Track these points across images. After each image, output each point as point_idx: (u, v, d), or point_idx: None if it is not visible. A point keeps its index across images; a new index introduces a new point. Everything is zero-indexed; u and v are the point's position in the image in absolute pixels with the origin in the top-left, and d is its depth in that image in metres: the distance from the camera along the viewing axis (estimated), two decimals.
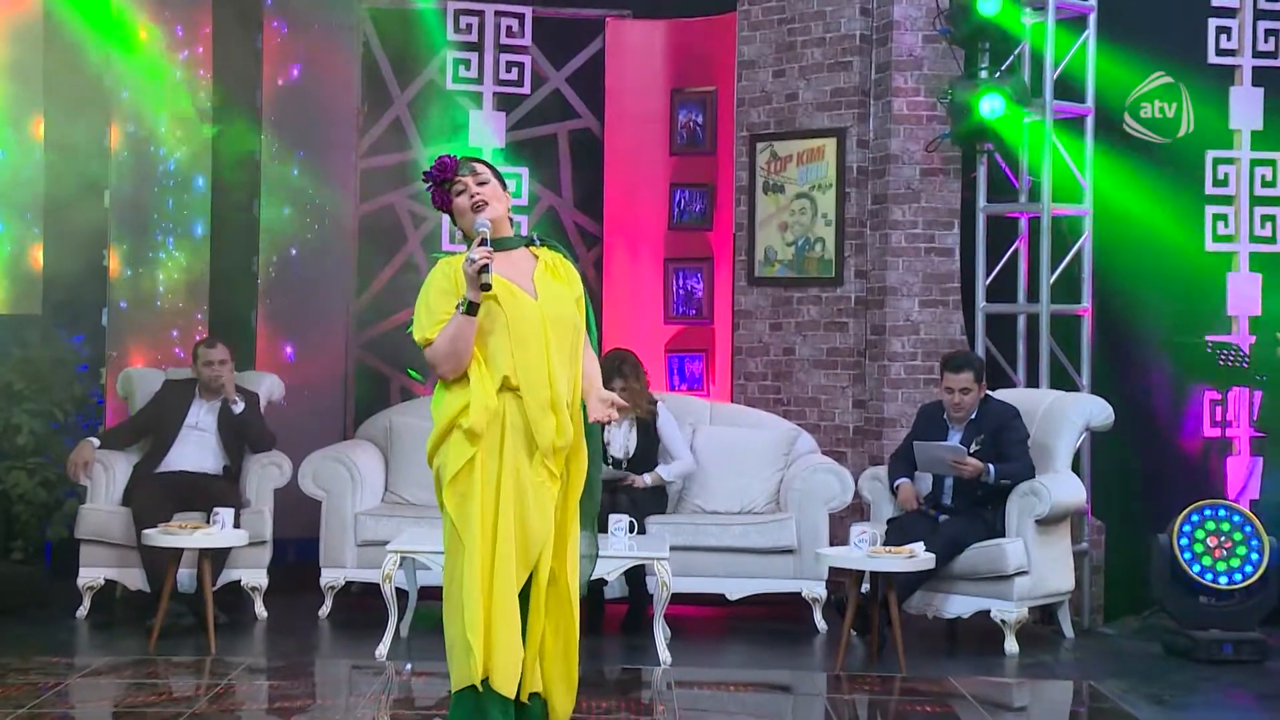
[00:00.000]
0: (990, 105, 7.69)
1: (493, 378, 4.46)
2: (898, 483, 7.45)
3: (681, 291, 9.29)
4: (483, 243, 4.47)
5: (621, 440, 7.86)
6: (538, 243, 4.68)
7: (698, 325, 9.28)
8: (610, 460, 7.78)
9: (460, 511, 4.43)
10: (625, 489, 7.68)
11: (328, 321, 9.20)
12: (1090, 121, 7.99)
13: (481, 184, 4.58)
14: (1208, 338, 8.01)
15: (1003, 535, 7.15)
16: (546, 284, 4.60)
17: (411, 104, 9.18)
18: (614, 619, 7.55)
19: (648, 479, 7.78)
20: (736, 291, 8.98)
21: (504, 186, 4.71)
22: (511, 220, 4.78)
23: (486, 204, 4.55)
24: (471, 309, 4.42)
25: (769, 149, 8.83)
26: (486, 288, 4.41)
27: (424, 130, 9.14)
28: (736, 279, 8.98)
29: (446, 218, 5.42)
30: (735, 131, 9.01)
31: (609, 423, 4.68)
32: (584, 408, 4.68)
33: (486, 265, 4.41)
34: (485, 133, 9.06)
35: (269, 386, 8.14)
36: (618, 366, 7.79)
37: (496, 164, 8.75)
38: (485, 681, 4.40)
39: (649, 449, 7.87)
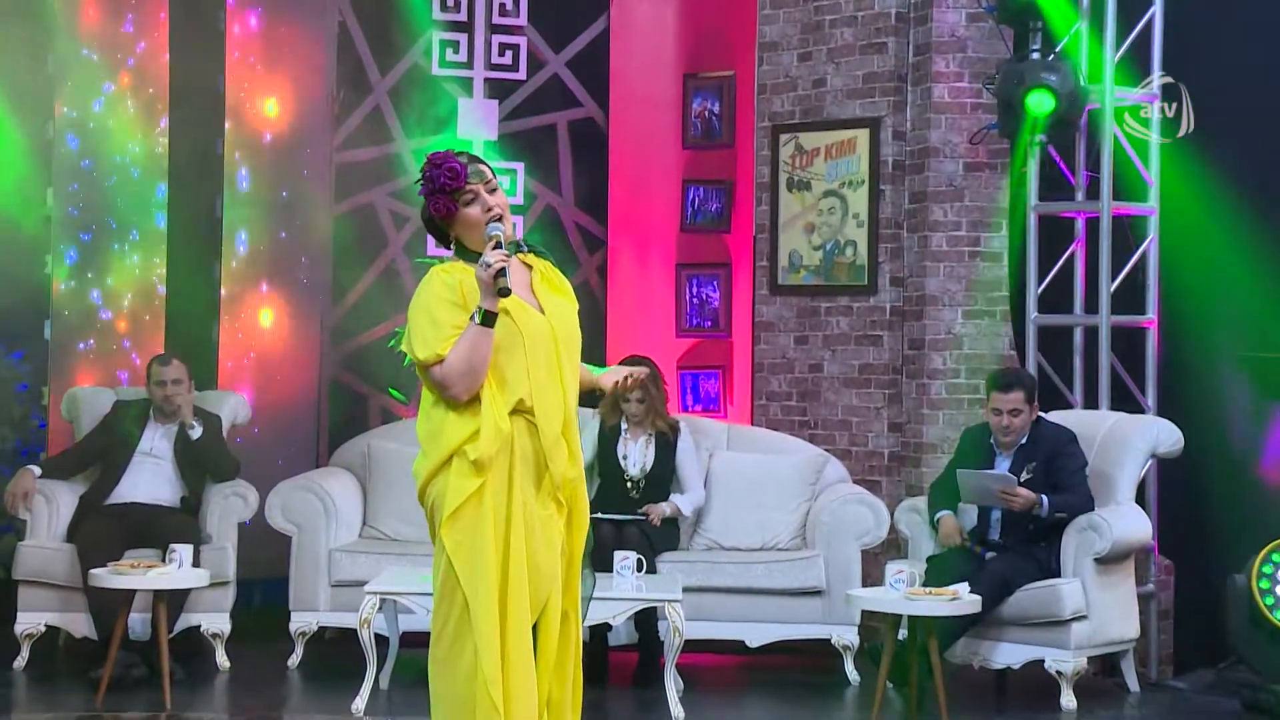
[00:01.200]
0: (1037, 102, 7.68)
1: (505, 400, 4.44)
2: (939, 515, 7.42)
3: (695, 301, 9.28)
4: (496, 246, 4.43)
5: (638, 456, 7.90)
6: (525, 249, 4.66)
7: (713, 339, 9.28)
8: (627, 480, 7.81)
9: (463, 552, 4.39)
10: (637, 521, 7.66)
11: (299, 335, 9.20)
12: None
13: (492, 191, 4.56)
14: None
15: (1058, 575, 7.12)
16: (548, 297, 4.60)
17: (393, 91, 9.17)
18: (620, 669, 7.50)
19: (665, 509, 7.78)
20: (757, 301, 8.98)
21: None
22: None
23: (501, 216, 4.54)
24: (488, 319, 4.36)
25: (793, 141, 8.82)
26: (505, 293, 4.39)
27: (407, 120, 9.15)
28: (757, 287, 8.99)
29: None
30: (756, 122, 9.01)
31: (626, 391, 4.57)
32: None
33: (504, 269, 4.37)
34: (476, 123, 9.04)
35: (232, 408, 8.14)
36: None
37: (489, 158, 8.74)
38: None
39: (665, 469, 7.91)
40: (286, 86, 9.14)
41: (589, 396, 5.24)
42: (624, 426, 7.91)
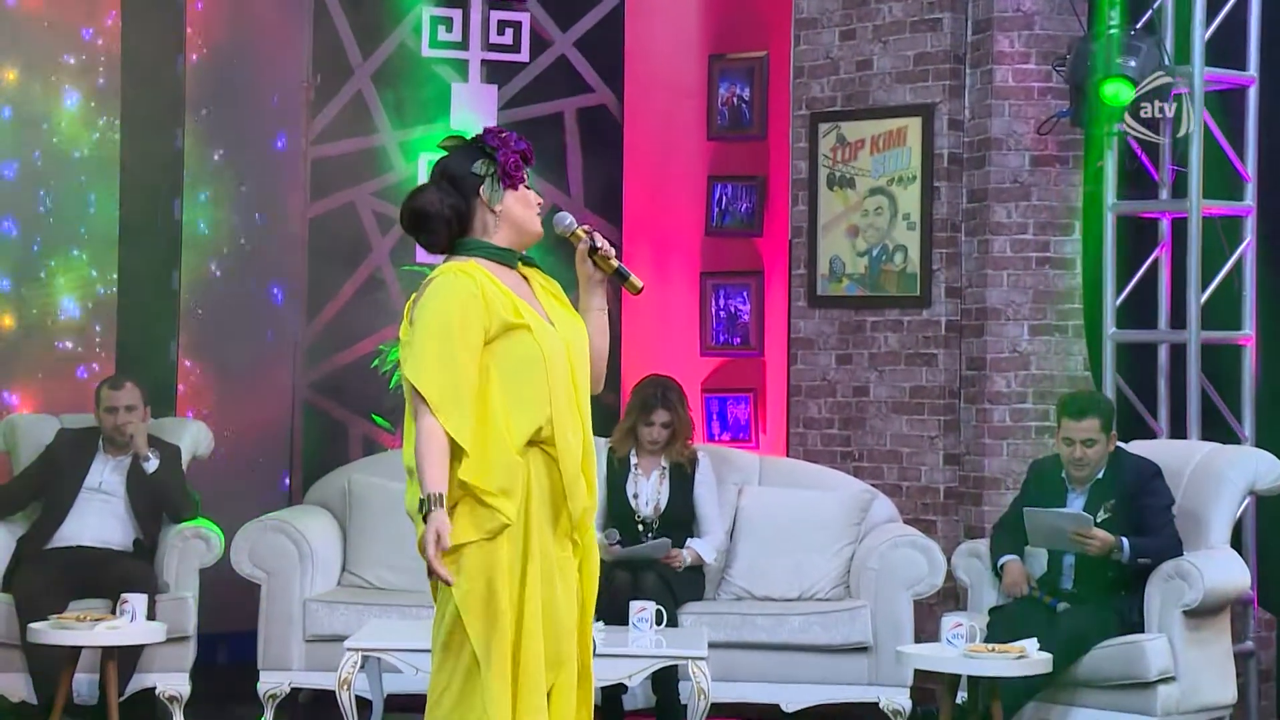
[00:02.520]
0: (1114, 93, 7.73)
1: (523, 430, 4.44)
2: (1003, 561, 7.40)
3: (723, 314, 9.28)
4: (592, 250, 4.61)
5: (650, 491, 7.89)
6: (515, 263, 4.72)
7: (743, 358, 9.27)
8: (638, 519, 7.82)
9: (474, 602, 4.38)
10: (656, 566, 7.63)
11: (269, 354, 9.19)
12: (1254, 94, 7.93)
13: None
14: None
15: (1141, 630, 7.08)
16: (556, 310, 4.63)
17: (377, 75, 9.19)
18: None
19: (686, 556, 7.75)
20: (793, 314, 8.98)
21: None
22: None
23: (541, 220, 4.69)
24: (433, 504, 4.32)
25: (835, 132, 8.83)
26: (634, 288, 4.60)
27: (393, 109, 9.16)
28: (793, 299, 8.98)
29: None
30: (791, 110, 9.02)
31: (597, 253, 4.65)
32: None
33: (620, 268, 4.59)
34: (472, 111, 9.04)
35: (193, 437, 8.15)
36: (660, 395, 7.85)
37: None
38: None
39: (683, 508, 7.89)
40: (255, 70, 9.15)
41: (602, 424, 5.20)
42: (634, 459, 7.88)
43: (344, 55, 9.16)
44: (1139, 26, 7.91)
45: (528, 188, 4.60)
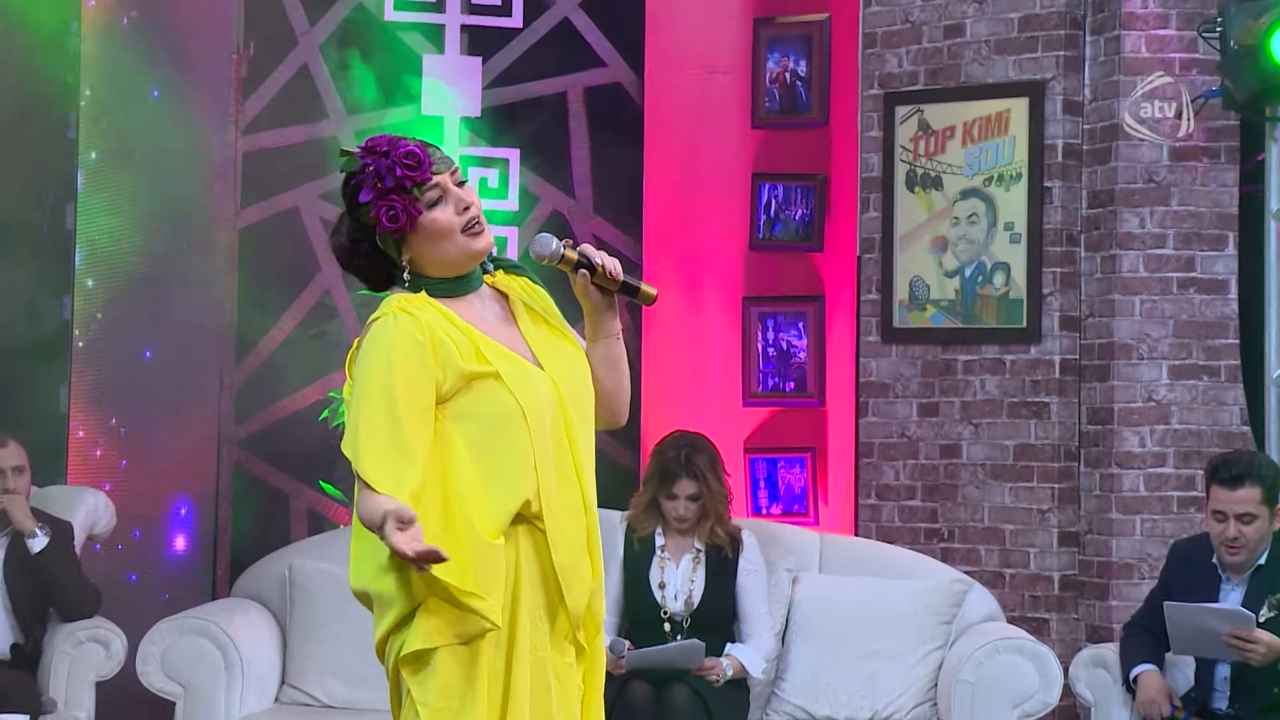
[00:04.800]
0: None
1: (505, 506, 4.43)
2: (1137, 672, 7.41)
3: (772, 352, 9.28)
4: (581, 266, 4.54)
5: (681, 580, 7.89)
6: (491, 270, 4.70)
7: (798, 408, 9.26)
8: (665, 616, 7.82)
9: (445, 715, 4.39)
10: (687, 678, 7.58)
11: (187, 402, 9.20)
12: None
13: (460, 185, 4.58)
14: None
15: None
16: (542, 339, 4.63)
17: (327, 46, 9.20)
18: None
19: (725, 665, 7.69)
20: (863, 352, 9.03)
21: None
22: None
23: (483, 227, 4.56)
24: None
25: (917, 117, 8.87)
26: (648, 298, 4.59)
27: (348, 89, 9.16)
28: (863, 331, 9.03)
29: None
30: (860, 89, 9.07)
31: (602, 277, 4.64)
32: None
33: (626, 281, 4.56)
34: (449, 92, 9.03)
35: (90, 511, 8.20)
36: (686, 460, 7.81)
37: (471, 142, 8.73)
38: None
39: (722, 603, 7.88)
40: (170, 40, 9.14)
41: (612, 495, 5.11)
42: (659, 540, 7.85)
43: (285, 19, 9.17)
44: None
45: (436, 203, 4.49)
